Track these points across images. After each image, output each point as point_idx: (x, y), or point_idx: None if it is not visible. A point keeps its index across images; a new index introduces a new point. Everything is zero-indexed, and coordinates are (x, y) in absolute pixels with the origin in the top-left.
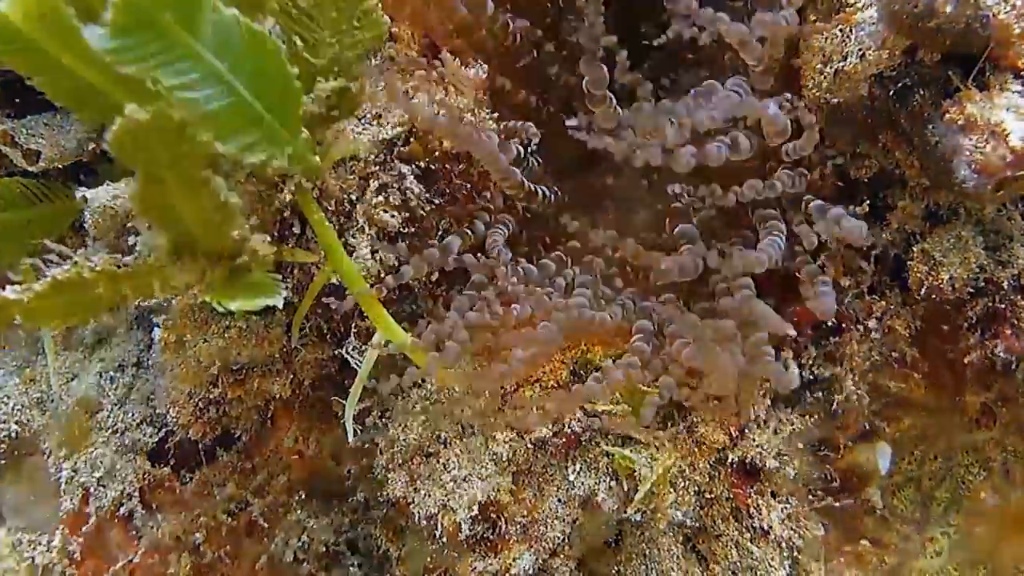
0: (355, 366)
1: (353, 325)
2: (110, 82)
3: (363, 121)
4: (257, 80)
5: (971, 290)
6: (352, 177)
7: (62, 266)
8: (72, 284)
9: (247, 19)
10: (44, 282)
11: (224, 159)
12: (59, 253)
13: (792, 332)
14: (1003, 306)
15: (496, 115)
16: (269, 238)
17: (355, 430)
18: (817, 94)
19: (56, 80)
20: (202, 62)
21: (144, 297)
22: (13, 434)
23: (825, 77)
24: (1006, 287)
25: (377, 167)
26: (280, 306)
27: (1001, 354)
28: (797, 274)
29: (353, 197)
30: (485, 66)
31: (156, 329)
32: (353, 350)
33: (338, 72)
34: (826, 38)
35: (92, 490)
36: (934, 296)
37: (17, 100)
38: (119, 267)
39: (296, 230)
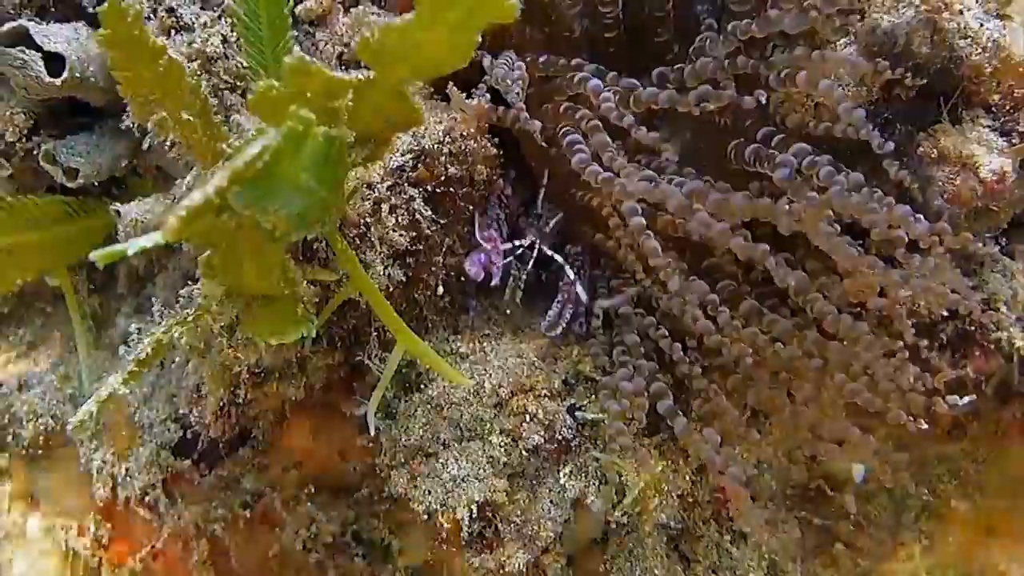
0: (377, 371)
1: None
2: None
3: None
4: (329, 178)
5: (944, 313)
6: (367, 204)
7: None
8: (151, 355)
9: (326, 129)
10: (132, 362)
11: None
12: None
13: None
14: (973, 328)
15: None
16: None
17: (359, 431)
18: (799, 126)
19: None
20: (301, 184)
21: (193, 332)
22: (48, 427)
23: (807, 110)
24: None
25: (388, 192)
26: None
27: (971, 373)
28: None
29: (368, 220)
30: (488, 95)
31: None
32: (372, 356)
33: (370, 140)
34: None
35: (120, 480)
36: (913, 320)
37: (59, 122)
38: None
39: (322, 255)
